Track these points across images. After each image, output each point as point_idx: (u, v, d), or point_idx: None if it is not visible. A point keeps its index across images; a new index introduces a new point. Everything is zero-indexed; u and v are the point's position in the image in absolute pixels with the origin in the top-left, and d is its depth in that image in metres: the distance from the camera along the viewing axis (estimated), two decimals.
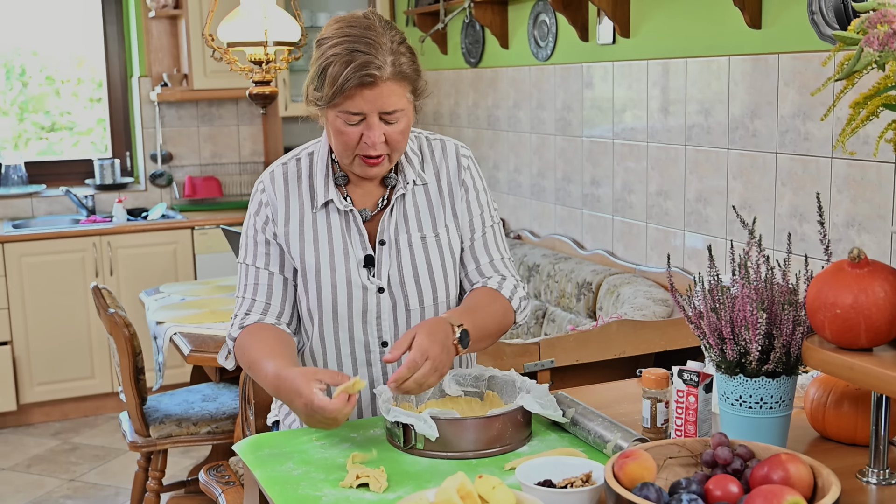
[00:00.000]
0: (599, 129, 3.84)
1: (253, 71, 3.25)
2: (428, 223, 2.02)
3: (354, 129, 1.86)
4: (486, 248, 2.07)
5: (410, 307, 2.00)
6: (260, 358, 1.88)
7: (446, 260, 2.02)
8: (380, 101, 1.83)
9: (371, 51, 1.80)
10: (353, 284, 1.96)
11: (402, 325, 2.00)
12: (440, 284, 2.01)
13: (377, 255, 1.98)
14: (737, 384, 1.64)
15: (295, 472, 1.71)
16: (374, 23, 1.85)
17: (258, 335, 1.94)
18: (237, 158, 5.77)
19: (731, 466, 1.46)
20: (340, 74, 1.80)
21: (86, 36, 5.62)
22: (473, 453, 1.74)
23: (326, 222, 1.98)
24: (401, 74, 1.84)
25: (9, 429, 4.88)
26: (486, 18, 4.43)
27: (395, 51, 1.84)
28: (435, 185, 2.04)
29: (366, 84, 1.80)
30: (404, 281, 1.98)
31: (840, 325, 1.51)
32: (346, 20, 1.87)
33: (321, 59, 1.84)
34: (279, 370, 1.81)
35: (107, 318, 3.22)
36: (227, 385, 3.61)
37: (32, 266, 4.80)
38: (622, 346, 2.93)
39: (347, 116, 1.85)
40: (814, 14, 2.74)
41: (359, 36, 1.82)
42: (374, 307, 1.98)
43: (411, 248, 1.99)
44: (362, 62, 1.79)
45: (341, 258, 1.97)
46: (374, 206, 2.01)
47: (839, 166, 2.75)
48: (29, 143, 5.64)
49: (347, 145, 1.88)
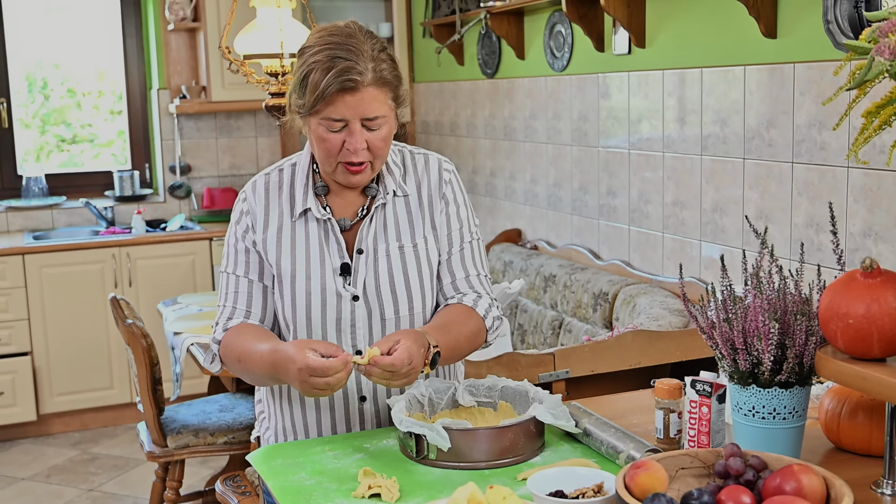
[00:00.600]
0: (615, 139, 3.84)
1: (269, 83, 3.27)
2: (406, 234, 2.02)
3: (336, 136, 1.87)
4: (463, 263, 2.06)
5: (386, 316, 1.99)
6: (250, 345, 1.91)
7: (423, 271, 2.02)
8: (361, 107, 1.85)
9: (352, 57, 1.82)
10: (328, 292, 1.97)
11: (377, 334, 2.00)
12: (416, 295, 2.01)
13: (354, 264, 1.98)
14: (750, 395, 1.64)
15: (307, 483, 1.71)
16: (354, 31, 1.87)
17: (244, 330, 1.97)
18: (255, 169, 5.79)
19: (744, 477, 1.45)
20: (322, 80, 1.82)
21: (107, 49, 5.67)
22: (485, 464, 1.74)
23: (305, 231, 1.99)
24: (382, 80, 1.86)
25: (29, 439, 4.92)
26: (502, 29, 4.44)
27: (375, 57, 1.86)
28: (415, 197, 2.04)
29: (347, 89, 1.82)
30: (380, 290, 1.98)
31: (853, 335, 1.50)
32: (327, 29, 1.88)
33: (302, 67, 1.86)
34: (274, 346, 1.85)
35: (125, 328, 3.24)
36: (243, 395, 3.62)
37: (52, 277, 4.84)
38: (637, 356, 2.92)
39: (329, 123, 1.86)
40: (829, 23, 2.73)
41: (340, 43, 1.84)
42: (348, 315, 1.98)
43: (388, 258, 1.99)
44: (343, 68, 1.81)
45: (317, 266, 1.97)
46: (353, 216, 2.02)
47: (855, 176, 2.74)
48: (50, 156, 5.69)
49: (330, 152, 1.89)
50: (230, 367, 2.00)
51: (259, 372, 1.90)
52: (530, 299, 4.08)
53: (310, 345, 1.79)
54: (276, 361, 1.82)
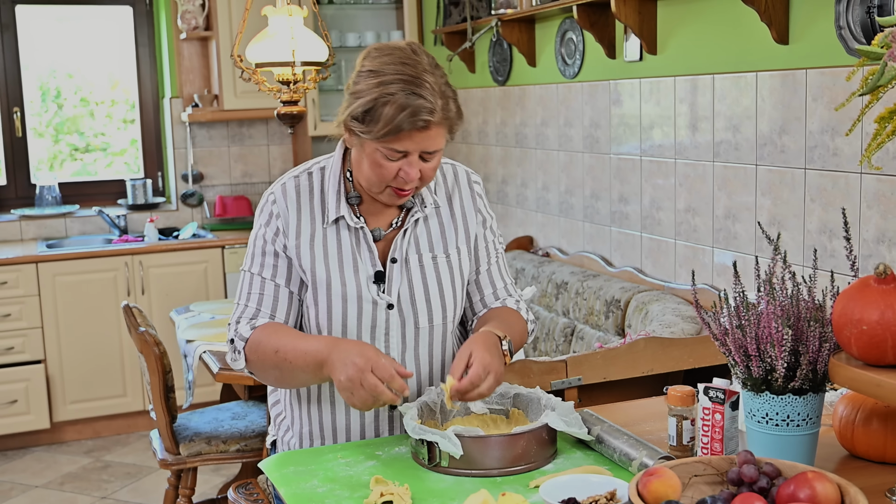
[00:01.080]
0: (627, 146, 3.84)
1: (281, 91, 3.28)
2: (440, 244, 2.05)
3: (394, 164, 1.88)
4: (500, 273, 2.15)
5: (419, 325, 2.02)
6: (295, 340, 1.91)
7: (455, 280, 2.06)
8: (425, 143, 1.86)
9: (425, 94, 1.82)
10: (364, 299, 1.98)
11: (410, 342, 2.02)
12: (449, 304, 2.05)
13: (388, 272, 2.00)
14: (763, 401, 1.63)
15: (320, 490, 1.71)
16: (422, 60, 1.87)
17: (278, 328, 1.97)
18: (267, 178, 5.81)
19: (758, 485, 1.44)
20: (396, 117, 1.81)
21: (119, 58, 5.70)
22: (498, 471, 1.74)
23: (337, 238, 2.00)
24: (448, 119, 1.88)
25: (42, 447, 4.93)
26: (513, 37, 4.44)
27: (444, 94, 1.87)
28: (447, 208, 2.08)
29: (418, 129, 1.83)
30: (415, 299, 2.00)
31: (867, 341, 1.49)
32: (395, 54, 1.87)
33: (373, 95, 1.83)
34: (334, 338, 1.90)
35: (137, 336, 3.25)
36: (256, 403, 3.62)
37: (65, 285, 4.85)
38: (650, 363, 2.91)
39: (391, 153, 1.87)
40: (841, 29, 2.72)
41: (413, 77, 1.83)
42: (382, 323, 1.99)
43: (422, 267, 2.02)
44: (417, 107, 1.81)
45: (351, 273, 1.98)
46: (387, 226, 2.04)
47: (869, 182, 2.73)
48: (64, 164, 5.71)
49: (384, 178, 1.90)
50: (258, 361, 1.97)
51: (299, 362, 1.88)
52: (542, 306, 4.08)
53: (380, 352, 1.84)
54: (337, 348, 1.83)
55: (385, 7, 5.67)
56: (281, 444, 2.15)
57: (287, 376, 1.95)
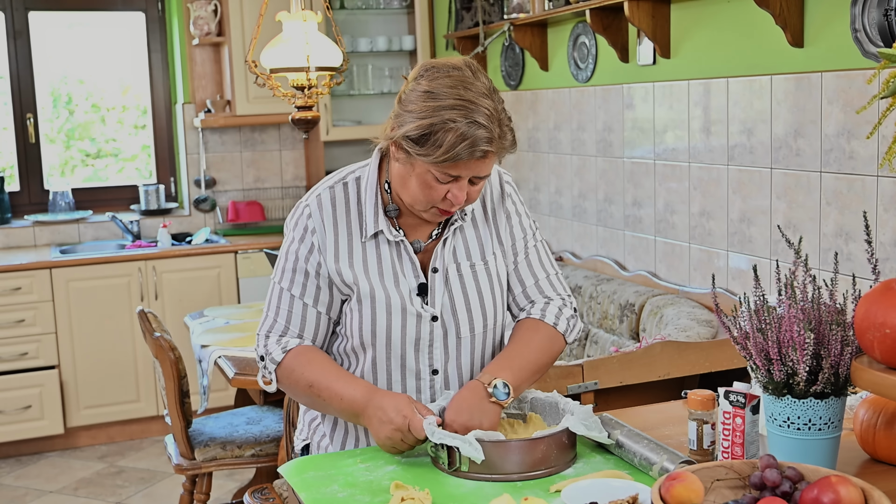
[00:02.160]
0: (641, 149, 3.83)
1: (295, 96, 3.28)
2: (477, 252, 2.04)
3: (443, 186, 1.87)
4: (531, 268, 2.09)
5: (461, 335, 2.02)
6: (332, 379, 1.94)
7: (495, 287, 2.05)
8: (478, 170, 1.86)
9: (487, 123, 1.80)
10: (408, 312, 1.97)
11: (452, 353, 2.02)
12: (489, 311, 2.04)
13: (430, 283, 2.00)
14: (784, 405, 1.63)
15: (340, 495, 1.71)
16: (480, 83, 1.84)
17: (313, 358, 1.98)
18: (280, 183, 5.82)
19: (780, 489, 1.44)
20: (456, 146, 1.79)
21: (131, 64, 5.72)
22: (518, 475, 1.74)
23: (376, 252, 1.99)
24: (503, 150, 1.87)
25: (56, 452, 4.94)
26: (525, 41, 4.44)
27: (501, 121, 1.84)
28: (481, 213, 2.07)
29: (475, 158, 1.82)
30: (456, 309, 2.00)
31: (890, 344, 1.49)
32: (453, 76, 1.83)
33: (431, 120, 1.80)
34: (370, 388, 1.91)
35: (152, 341, 3.25)
36: (270, 408, 3.63)
37: (79, 291, 4.87)
38: (666, 367, 2.90)
39: (443, 176, 1.85)
40: (857, 32, 2.72)
41: (474, 104, 1.80)
42: (427, 335, 1.99)
43: (461, 277, 2.01)
44: (477, 138, 1.79)
45: (393, 286, 1.97)
46: (426, 237, 2.03)
47: (885, 185, 2.72)
48: (75, 170, 5.73)
49: (432, 199, 1.89)
50: (291, 389, 2.00)
51: (333, 404, 1.93)
52: None
53: (413, 403, 1.86)
54: (374, 398, 1.87)
55: (397, 12, 5.68)
56: (316, 448, 2.15)
57: (319, 407, 2.00)
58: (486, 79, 1.87)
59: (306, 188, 5.83)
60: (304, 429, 2.20)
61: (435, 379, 2.02)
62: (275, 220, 5.77)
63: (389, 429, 1.82)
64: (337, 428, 2.10)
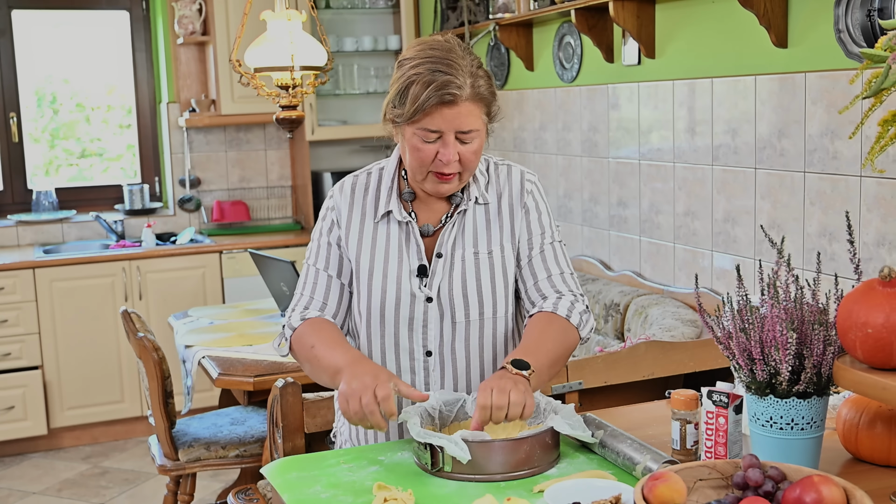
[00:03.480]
0: (626, 150, 3.84)
1: (280, 96, 3.27)
2: (483, 241, 2.06)
3: (430, 146, 1.92)
4: (545, 263, 2.09)
5: (456, 319, 2.03)
6: (331, 344, 1.96)
7: (497, 277, 2.05)
8: (457, 121, 1.90)
9: (452, 71, 1.88)
10: (403, 291, 2.02)
11: (447, 336, 2.04)
12: (488, 300, 2.04)
13: (432, 267, 2.03)
14: (767, 405, 1.63)
15: (323, 496, 1.70)
16: (454, 46, 1.94)
17: (323, 326, 2.02)
18: (265, 183, 5.80)
19: (763, 488, 1.44)
20: (422, 93, 1.87)
21: (115, 63, 5.69)
22: (501, 476, 1.73)
23: (386, 232, 2.05)
24: (478, 96, 1.92)
25: (39, 453, 4.91)
26: (511, 41, 4.44)
27: (474, 73, 1.91)
28: (495, 206, 2.09)
29: (445, 103, 1.88)
30: (453, 293, 2.03)
31: (872, 344, 1.49)
32: (427, 43, 1.95)
33: (402, 78, 1.91)
34: (360, 354, 1.93)
35: (136, 342, 3.24)
36: (255, 408, 3.61)
37: (63, 291, 4.84)
38: (651, 367, 2.90)
39: (425, 133, 1.91)
40: (840, 32, 2.72)
41: (440, 57, 1.90)
42: (421, 315, 2.03)
43: (463, 263, 2.04)
44: (443, 82, 1.87)
45: (395, 266, 2.03)
46: (437, 222, 2.07)
47: (868, 185, 2.73)
48: (60, 170, 5.70)
49: (423, 162, 1.94)
50: (298, 351, 2.04)
51: (323, 363, 1.94)
52: None
53: (394, 378, 1.85)
54: (358, 364, 1.87)
55: (382, 11, 5.67)
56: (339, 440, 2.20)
57: (314, 372, 2.01)
58: (462, 45, 1.95)
59: (292, 188, 5.82)
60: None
61: (429, 360, 2.05)
62: (260, 220, 5.76)
63: (357, 384, 1.79)
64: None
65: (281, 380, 2.33)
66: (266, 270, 3.74)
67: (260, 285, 4.68)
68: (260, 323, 3.75)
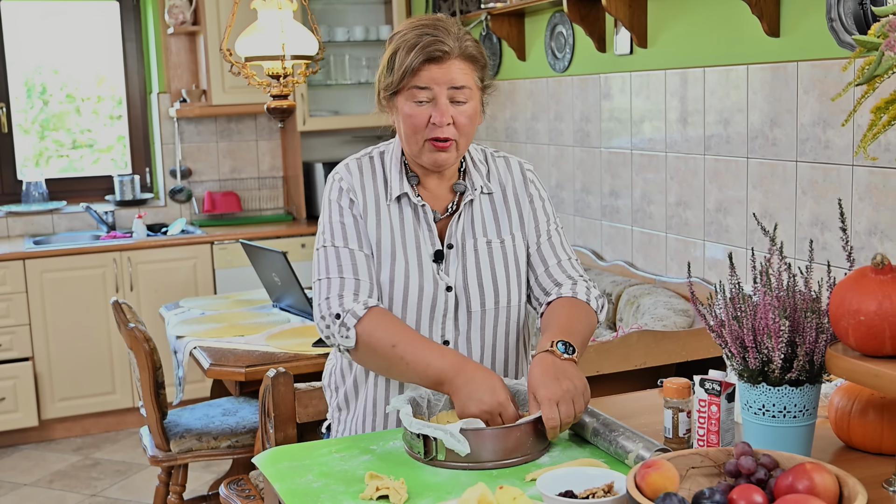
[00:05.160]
0: (618, 140, 3.83)
1: (271, 85, 3.26)
2: (493, 230, 2.07)
3: (423, 110, 1.93)
4: (554, 249, 2.11)
5: (472, 309, 2.03)
6: (414, 343, 1.90)
7: (510, 266, 2.06)
8: (448, 76, 1.91)
9: (438, 34, 1.91)
10: (425, 277, 2.01)
11: (463, 327, 2.04)
12: (502, 289, 2.05)
13: (446, 258, 2.03)
14: (759, 393, 1.63)
15: (315, 485, 1.70)
16: (443, 19, 1.97)
17: (392, 320, 1.94)
18: (256, 173, 5.79)
19: (755, 476, 1.44)
20: (409, 54, 1.90)
21: (106, 54, 5.66)
22: (493, 464, 1.73)
23: (400, 215, 2.03)
24: (466, 54, 1.94)
25: (31, 444, 4.90)
26: (502, 31, 4.43)
27: (460, 37, 1.93)
28: (500, 196, 2.10)
29: (433, 59, 1.90)
30: (468, 283, 2.03)
31: (864, 332, 1.49)
32: (418, 17, 1.98)
33: (391, 47, 1.95)
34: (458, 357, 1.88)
35: (127, 332, 3.22)
36: (247, 399, 3.61)
37: (53, 282, 4.82)
38: (643, 356, 2.91)
39: (416, 93, 1.92)
40: (833, 21, 2.72)
41: (427, 24, 1.94)
42: (441, 304, 2.02)
43: (476, 252, 2.04)
44: (429, 41, 1.89)
45: (414, 250, 2.01)
46: (443, 210, 2.06)
47: (861, 174, 2.73)
48: (50, 161, 5.68)
49: (417, 128, 1.94)
50: (369, 346, 1.93)
51: (418, 369, 1.88)
52: None
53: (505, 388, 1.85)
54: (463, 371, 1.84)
55: (374, 1, 5.66)
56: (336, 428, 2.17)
57: (395, 371, 1.94)
58: (452, 22, 1.97)
59: (283, 179, 5.80)
60: (329, 409, 2.21)
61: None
62: (251, 211, 5.74)
63: (479, 409, 1.81)
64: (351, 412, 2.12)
65: (272, 370, 2.33)
66: (257, 261, 3.73)
67: (251, 276, 4.67)
68: (251, 314, 3.74)
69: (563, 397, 1.77)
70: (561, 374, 1.80)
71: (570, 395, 1.78)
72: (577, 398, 1.78)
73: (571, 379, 1.80)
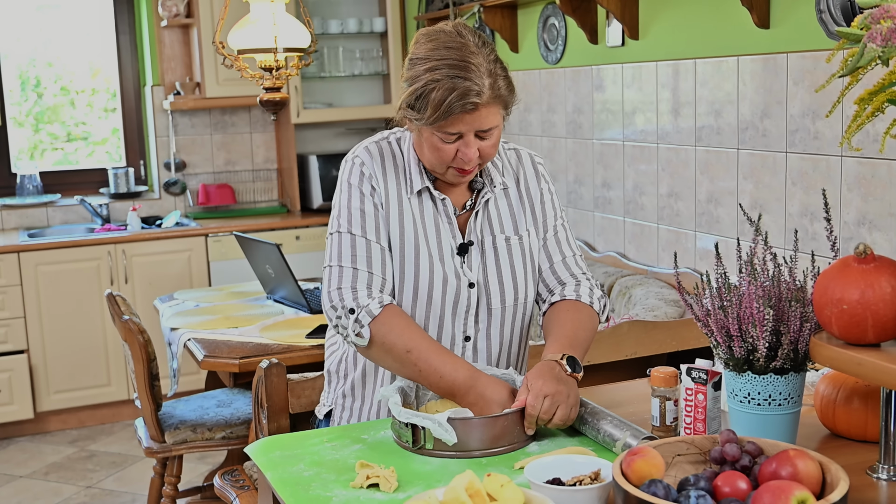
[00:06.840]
0: (610, 131, 3.85)
1: (264, 77, 3.27)
2: (510, 226, 2.07)
3: (451, 146, 1.89)
4: (559, 245, 2.12)
5: (492, 306, 2.04)
6: (430, 348, 1.89)
7: (527, 262, 2.08)
8: (477, 123, 1.87)
9: (471, 77, 1.82)
10: (449, 272, 2.00)
11: (483, 323, 2.05)
12: (521, 285, 2.06)
13: (468, 252, 2.04)
14: (745, 381, 1.65)
15: (306, 474, 1.72)
16: (467, 42, 1.87)
17: (406, 323, 1.93)
18: (250, 166, 5.79)
19: (740, 463, 1.46)
20: (443, 102, 1.82)
21: (100, 46, 5.66)
22: (481, 452, 1.75)
23: (420, 208, 2.01)
24: (499, 97, 1.88)
25: (26, 437, 4.92)
26: (495, 22, 4.44)
27: (492, 72, 1.86)
28: (515, 190, 2.10)
29: (467, 111, 1.84)
30: (488, 280, 2.03)
31: (847, 320, 1.51)
32: (440, 40, 1.87)
33: (420, 84, 1.85)
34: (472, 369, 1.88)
35: (121, 325, 3.24)
36: (241, 390, 3.62)
37: (48, 275, 4.83)
38: (633, 346, 2.92)
39: (446, 136, 1.88)
40: (822, 13, 2.74)
41: (457, 60, 1.83)
42: (464, 300, 2.02)
43: (496, 250, 2.05)
44: (464, 90, 1.82)
45: (436, 244, 2.00)
46: (461, 208, 2.06)
47: (849, 164, 2.75)
48: (44, 154, 5.68)
49: (443, 160, 1.92)
50: (382, 347, 1.91)
51: (431, 378, 1.88)
52: None
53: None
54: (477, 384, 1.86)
55: None
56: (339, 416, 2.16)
57: (406, 374, 1.92)
58: (475, 36, 1.89)
59: (277, 171, 5.81)
60: (329, 395, 2.19)
61: (466, 346, 2.05)
62: (246, 203, 5.75)
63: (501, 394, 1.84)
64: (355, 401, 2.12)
65: (265, 361, 2.34)
66: (252, 253, 3.74)
67: (246, 268, 4.68)
68: (245, 305, 3.76)
69: (554, 396, 1.80)
70: (558, 381, 1.84)
71: (560, 396, 1.81)
72: (564, 405, 1.81)
73: (568, 389, 1.83)
